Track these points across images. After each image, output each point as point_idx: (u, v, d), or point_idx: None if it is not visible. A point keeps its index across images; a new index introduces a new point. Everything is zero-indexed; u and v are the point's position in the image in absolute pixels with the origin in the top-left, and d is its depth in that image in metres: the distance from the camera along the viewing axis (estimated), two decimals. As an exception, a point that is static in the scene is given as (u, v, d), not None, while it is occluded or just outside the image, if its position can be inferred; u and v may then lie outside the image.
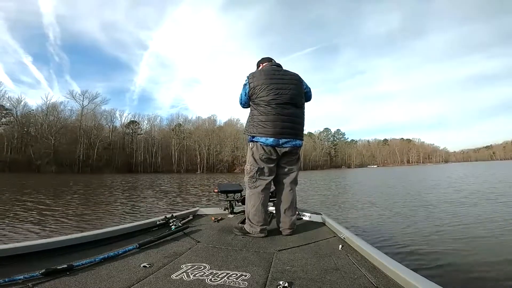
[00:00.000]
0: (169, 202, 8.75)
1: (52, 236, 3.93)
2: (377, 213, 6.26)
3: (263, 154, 2.10)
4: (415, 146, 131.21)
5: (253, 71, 2.27)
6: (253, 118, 2.15)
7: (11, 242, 2.12)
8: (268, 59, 2.37)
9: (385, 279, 1.19)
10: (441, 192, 10.04)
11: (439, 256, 3.21)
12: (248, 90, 2.17)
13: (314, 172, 48.46)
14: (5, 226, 5.02)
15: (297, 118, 2.18)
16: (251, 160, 2.15)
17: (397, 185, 14.42)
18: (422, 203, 7.50)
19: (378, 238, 4.10)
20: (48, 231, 4.74)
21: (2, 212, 6.55)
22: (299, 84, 2.24)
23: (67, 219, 5.79)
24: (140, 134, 65.72)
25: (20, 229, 4.83)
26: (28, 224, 5.24)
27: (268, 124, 2.07)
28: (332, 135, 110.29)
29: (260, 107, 2.11)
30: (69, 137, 50.32)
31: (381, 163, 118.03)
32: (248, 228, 2.04)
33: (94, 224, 5.39)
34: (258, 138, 2.11)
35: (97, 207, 7.61)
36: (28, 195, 9.99)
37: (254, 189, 2.12)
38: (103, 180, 22.55)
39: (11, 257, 1.25)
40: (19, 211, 6.63)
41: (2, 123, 47.90)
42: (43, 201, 8.56)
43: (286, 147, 2.10)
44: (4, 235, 4.39)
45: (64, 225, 5.26)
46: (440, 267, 2.90)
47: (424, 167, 61.29)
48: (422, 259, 3.13)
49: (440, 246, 3.61)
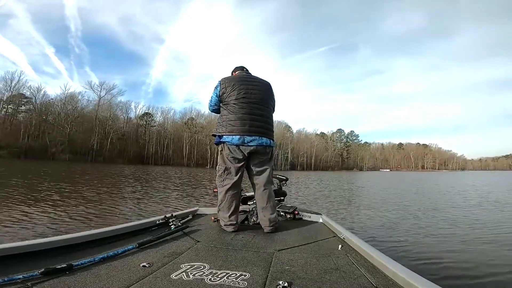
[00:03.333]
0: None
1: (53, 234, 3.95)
2: (380, 214, 6.27)
3: (229, 154, 2.16)
4: (431, 151, 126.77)
5: (225, 76, 2.34)
6: (222, 118, 2.23)
7: (11, 242, 2.05)
8: (240, 68, 2.49)
9: (385, 279, 1.20)
10: (448, 198, 10.27)
11: (439, 256, 3.24)
12: (219, 91, 2.25)
13: (324, 173, 48.31)
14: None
15: (266, 118, 2.26)
16: (219, 160, 2.24)
17: (410, 189, 14.40)
18: (427, 206, 7.62)
19: (378, 238, 4.10)
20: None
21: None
22: (268, 89, 2.37)
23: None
24: (153, 126, 66.48)
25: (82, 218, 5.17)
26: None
27: (236, 123, 2.14)
28: (346, 136, 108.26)
29: (229, 106, 2.20)
30: (84, 126, 51.46)
31: (394, 167, 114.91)
32: (222, 222, 2.16)
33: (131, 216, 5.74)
34: (224, 138, 2.17)
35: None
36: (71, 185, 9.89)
37: (222, 188, 2.20)
38: (129, 171, 22.42)
39: (10, 257, 1.24)
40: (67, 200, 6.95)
41: (22, 110, 49.47)
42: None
43: (252, 146, 2.15)
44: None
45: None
46: (440, 267, 2.93)
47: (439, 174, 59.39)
48: (422, 259, 3.15)
49: (441, 247, 3.64)
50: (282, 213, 2.67)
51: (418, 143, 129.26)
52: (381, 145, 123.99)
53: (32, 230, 4.11)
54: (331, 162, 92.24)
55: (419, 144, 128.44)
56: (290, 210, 2.68)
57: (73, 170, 19.51)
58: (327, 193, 12.09)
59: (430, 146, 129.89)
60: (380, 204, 8.51)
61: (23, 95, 49.39)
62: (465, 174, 55.76)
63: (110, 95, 57.44)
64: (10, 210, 5.35)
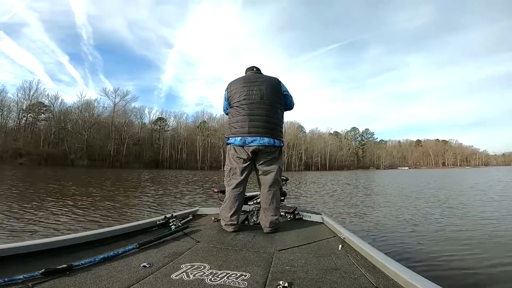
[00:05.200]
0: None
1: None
2: (382, 214, 6.21)
3: (234, 154, 2.20)
4: (452, 147, 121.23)
5: (232, 80, 2.36)
6: (228, 121, 2.29)
7: (12, 242, 1.99)
8: (250, 68, 2.46)
9: (385, 279, 1.20)
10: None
11: (439, 256, 3.23)
12: (227, 95, 2.31)
13: (339, 173, 47.68)
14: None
15: (268, 117, 2.21)
16: (227, 160, 2.29)
17: (425, 188, 13.71)
18: (435, 205, 7.44)
19: (378, 238, 4.10)
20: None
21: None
22: (275, 85, 2.29)
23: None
24: (167, 131, 67.35)
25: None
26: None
27: (238, 125, 2.19)
28: (360, 134, 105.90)
29: (233, 109, 2.25)
30: (101, 132, 52.53)
31: (412, 165, 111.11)
32: (222, 222, 2.16)
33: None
34: (230, 140, 2.23)
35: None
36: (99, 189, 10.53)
37: (228, 187, 2.22)
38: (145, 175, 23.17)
39: (11, 257, 1.24)
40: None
41: (41, 119, 51.16)
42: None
43: (252, 146, 2.15)
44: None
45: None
46: (440, 267, 2.93)
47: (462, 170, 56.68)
48: (422, 259, 3.15)
49: (441, 247, 3.62)
50: (282, 213, 2.66)
51: (437, 139, 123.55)
52: (398, 142, 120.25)
53: (83, 222, 4.82)
54: (346, 161, 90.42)
55: (438, 140, 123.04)
56: (290, 210, 2.67)
57: (98, 176, 20.07)
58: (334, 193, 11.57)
59: (450, 142, 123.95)
60: (385, 203, 8.19)
61: (42, 104, 51.08)
62: (490, 170, 53.46)
63: (124, 101, 58.62)
64: (60, 207, 6.10)
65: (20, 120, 48.94)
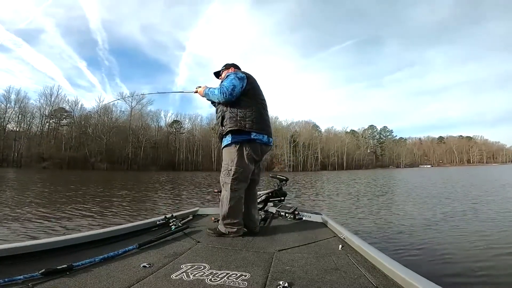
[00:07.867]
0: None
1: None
2: (383, 214, 6.22)
3: (252, 153, 2.03)
4: (477, 144, 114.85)
5: (248, 72, 2.24)
6: (250, 112, 2.04)
7: (12, 242, 1.97)
8: (237, 66, 2.39)
9: (385, 279, 1.20)
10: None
11: (439, 256, 3.24)
12: (245, 84, 2.08)
13: (356, 172, 46.73)
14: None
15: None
16: (237, 160, 2.00)
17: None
18: (441, 205, 7.38)
19: (378, 238, 4.08)
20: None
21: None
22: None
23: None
24: (183, 133, 67.85)
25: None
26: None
27: (264, 123, 2.10)
28: (378, 132, 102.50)
29: (258, 104, 2.12)
30: (119, 136, 53.56)
31: (435, 163, 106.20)
32: (223, 229, 1.99)
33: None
34: (253, 135, 2.01)
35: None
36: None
37: (233, 193, 2.01)
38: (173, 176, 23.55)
39: (11, 257, 1.25)
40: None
41: (63, 124, 52.88)
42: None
43: (270, 147, 2.15)
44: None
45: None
46: (439, 267, 2.93)
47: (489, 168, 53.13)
48: (422, 259, 3.16)
49: (441, 247, 3.61)
50: (282, 213, 2.67)
51: (460, 135, 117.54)
52: (419, 139, 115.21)
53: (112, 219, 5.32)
54: (364, 160, 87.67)
55: (462, 136, 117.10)
56: (290, 210, 2.64)
57: (120, 178, 20.73)
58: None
59: (475, 138, 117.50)
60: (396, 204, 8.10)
61: (63, 109, 52.81)
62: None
63: (141, 105, 59.45)
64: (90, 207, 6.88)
65: (43, 125, 50.79)
